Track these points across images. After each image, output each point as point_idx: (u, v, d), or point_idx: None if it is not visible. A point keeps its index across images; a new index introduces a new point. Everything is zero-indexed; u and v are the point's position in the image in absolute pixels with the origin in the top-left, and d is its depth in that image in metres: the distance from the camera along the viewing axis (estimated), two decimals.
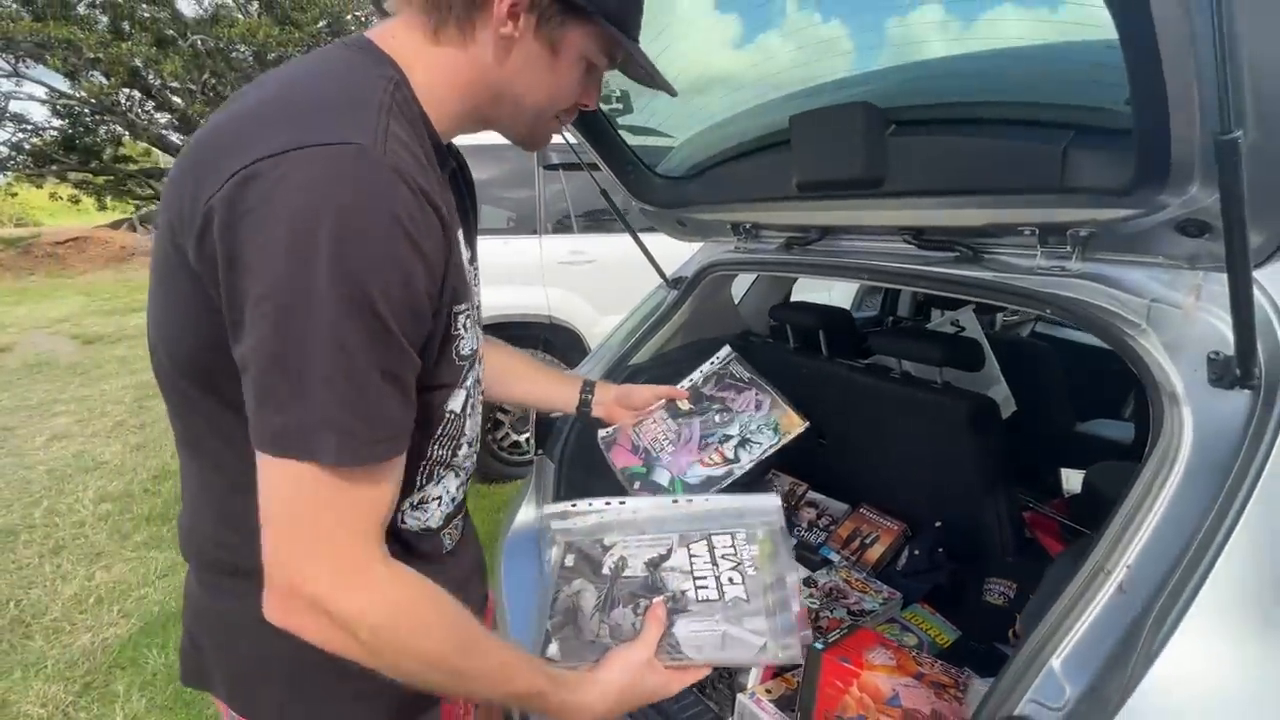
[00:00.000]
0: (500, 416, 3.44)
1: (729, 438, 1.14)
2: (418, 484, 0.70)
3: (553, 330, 3.54)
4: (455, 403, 0.70)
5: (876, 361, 1.74)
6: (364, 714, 0.70)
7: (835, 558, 1.72)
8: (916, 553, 1.60)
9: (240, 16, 14.94)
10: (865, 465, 1.83)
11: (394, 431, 0.57)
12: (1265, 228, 0.68)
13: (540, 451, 1.69)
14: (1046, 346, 2.19)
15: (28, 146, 14.83)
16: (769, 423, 1.15)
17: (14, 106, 14.45)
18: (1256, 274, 0.74)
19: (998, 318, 2.62)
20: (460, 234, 0.66)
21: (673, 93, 0.77)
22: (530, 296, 3.46)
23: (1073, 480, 1.87)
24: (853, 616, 1.44)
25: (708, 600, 0.76)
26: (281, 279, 0.50)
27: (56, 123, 15.32)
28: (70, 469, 3.72)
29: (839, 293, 3.44)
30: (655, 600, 0.75)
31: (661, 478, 1.11)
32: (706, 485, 1.08)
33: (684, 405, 1.18)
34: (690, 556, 0.79)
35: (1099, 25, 0.70)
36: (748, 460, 1.11)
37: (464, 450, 0.75)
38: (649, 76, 0.72)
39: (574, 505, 0.84)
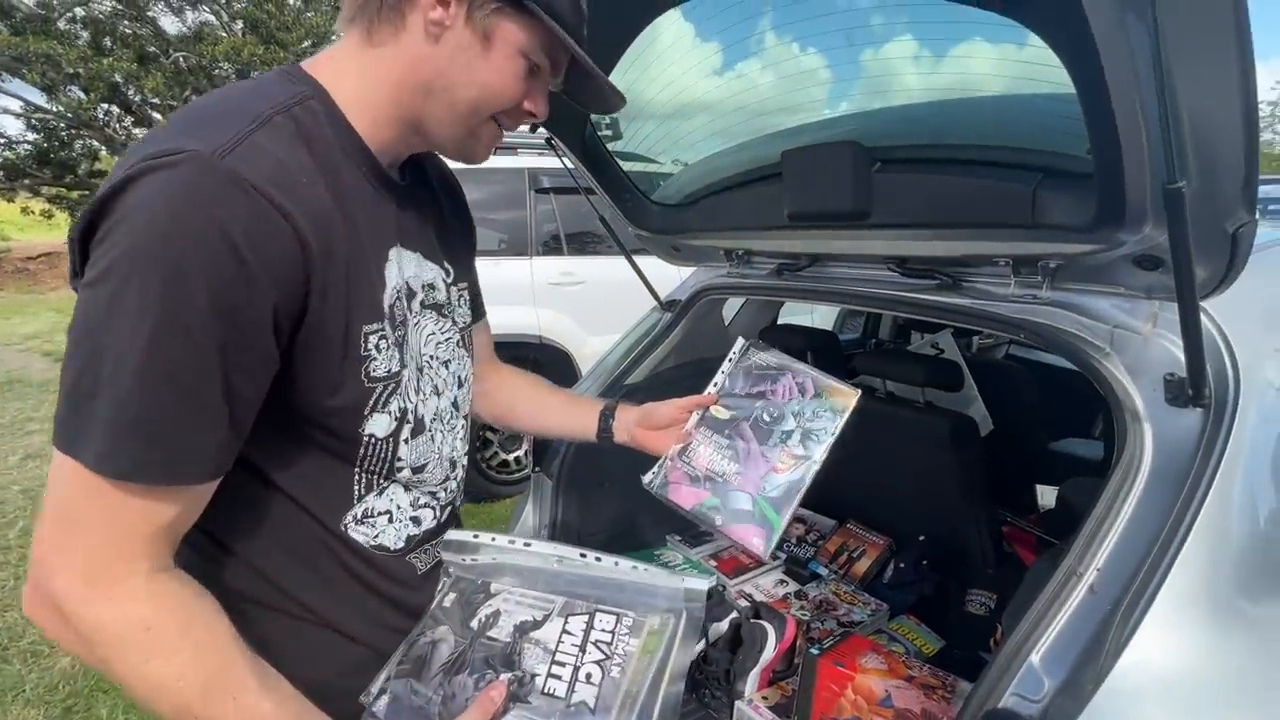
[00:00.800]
0: (489, 435, 3.47)
1: (788, 434, 1.00)
2: (357, 495, 0.68)
3: (542, 350, 3.59)
4: (375, 427, 0.66)
5: (862, 382, 1.82)
6: None
7: (824, 572, 1.77)
8: (902, 566, 1.67)
9: (224, 35, 14.95)
10: (852, 482, 1.89)
11: (169, 454, 0.52)
12: (1210, 263, 0.76)
13: (538, 469, 1.73)
14: (1020, 368, 2.30)
15: (1, 160, 14.59)
16: (823, 404, 1.03)
17: None
18: (1204, 304, 0.83)
19: (974, 340, 2.74)
20: (396, 252, 0.65)
21: (622, 101, 0.73)
22: (521, 317, 3.52)
23: (1047, 496, 1.97)
24: (842, 627, 1.49)
25: (551, 695, 0.66)
26: (111, 272, 0.50)
27: (31, 136, 15.11)
28: (43, 489, 3.64)
29: (821, 315, 3.56)
30: (498, 681, 0.66)
31: (741, 502, 0.94)
32: (790, 493, 0.95)
33: (721, 413, 1.03)
34: (562, 632, 0.71)
35: (1065, 82, 0.79)
36: (819, 450, 0.99)
37: (405, 473, 0.72)
38: (599, 92, 0.70)
39: (476, 536, 0.78)
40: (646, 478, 1.01)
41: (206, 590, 0.59)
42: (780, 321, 2.47)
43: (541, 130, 1.56)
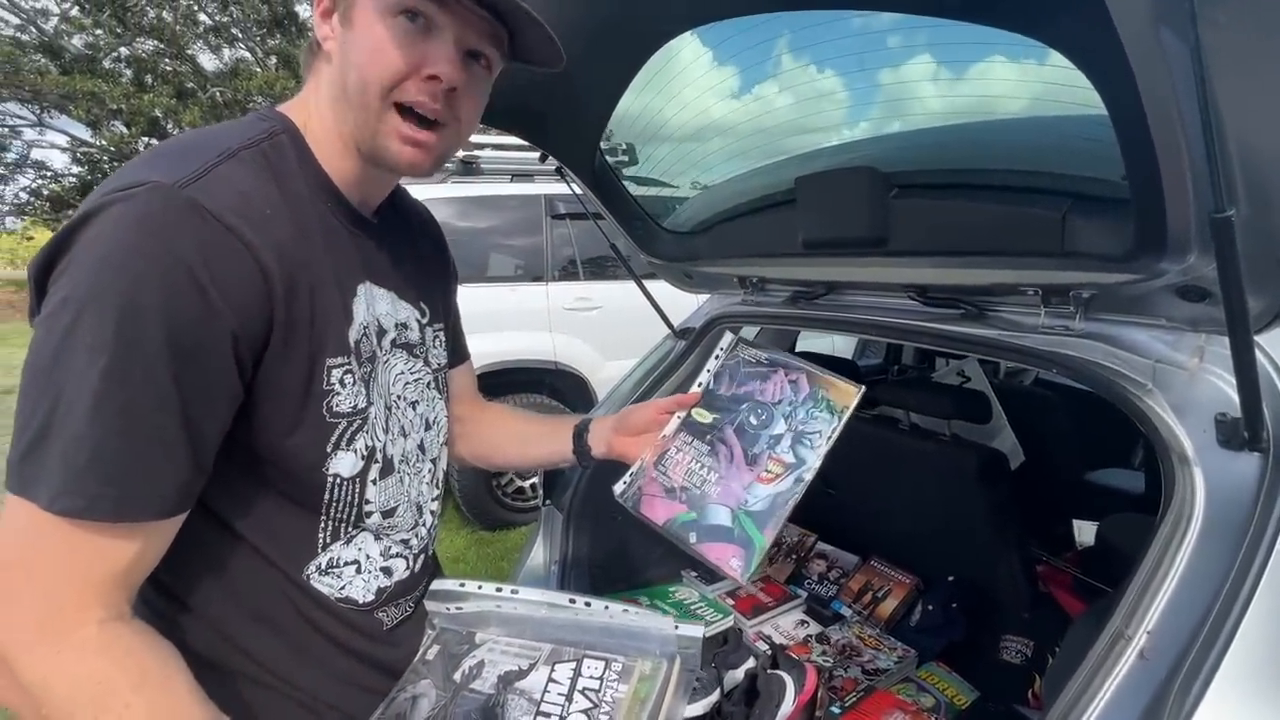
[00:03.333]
0: None
1: (777, 438, 0.87)
2: (322, 543, 0.65)
3: (558, 375, 3.57)
4: (340, 466, 0.64)
5: (884, 412, 1.75)
6: None
7: (847, 612, 1.69)
8: (930, 608, 1.58)
9: (258, 70, 15.55)
10: (875, 516, 1.82)
11: (127, 490, 0.50)
12: (1264, 295, 0.70)
13: (548, 502, 1.68)
14: (1051, 395, 2.20)
15: (46, 192, 15.25)
16: (818, 403, 0.89)
17: (35, 154, 14.89)
18: (1258, 338, 0.76)
19: (1001, 366, 2.64)
20: (365, 288, 0.64)
21: (561, 57, 0.65)
22: (537, 342, 3.51)
23: (1085, 532, 1.86)
24: (867, 676, 1.41)
25: None
26: (65, 304, 0.48)
27: (75, 170, 15.80)
28: None
29: (841, 341, 3.48)
30: None
31: (719, 517, 0.84)
32: (776, 506, 0.83)
33: (704, 415, 0.92)
34: (548, 680, 0.69)
35: (1095, 102, 0.74)
36: (814, 456, 0.86)
37: (375, 517, 0.69)
38: (535, 37, 0.63)
39: (462, 585, 0.76)
40: (618, 488, 0.90)
41: (165, 640, 0.55)
42: (799, 349, 2.41)
43: (551, 159, 1.56)
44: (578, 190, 1.67)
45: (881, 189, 1.13)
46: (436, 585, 0.76)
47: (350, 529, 0.67)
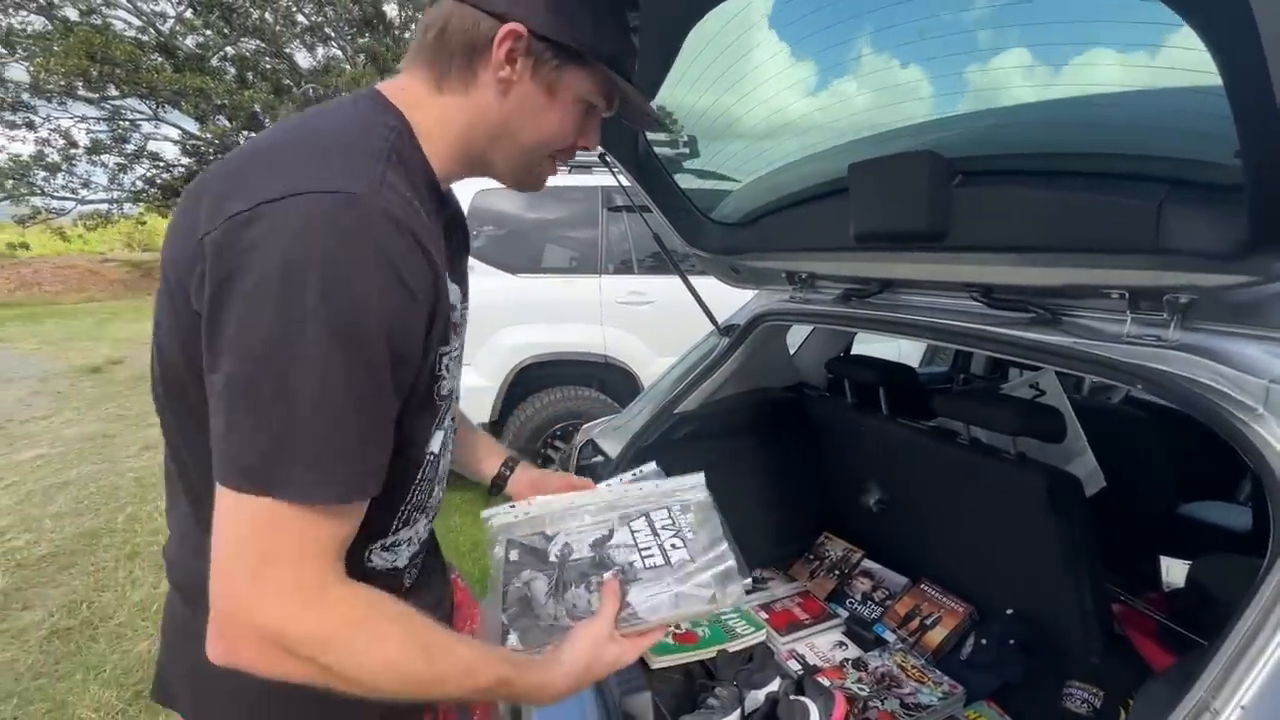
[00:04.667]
0: (550, 454, 3.44)
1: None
2: (393, 528, 0.69)
3: (608, 369, 3.54)
4: (435, 443, 0.70)
5: (942, 424, 1.60)
6: None
7: (891, 637, 1.56)
8: (984, 642, 1.43)
9: (347, 67, 16.37)
10: (928, 536, 1.68)
11: (364, 471, 0.56)
12: None
13: None
14: (1145, 415, 1.97)
15: (159, 181, 16.62)
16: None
17: (150, 146, 16.22)
18: None
19: (1086, 382, 2.40)
20: (448, 277, 0.65)
21: (666, 128, 0.77)
22: (588, 335, 3.48)
23: (1174, 571, 1.65)
24: (907, 711, 1.29)
25: (656, 567, 0.79)
26: (267, 316, 0.50)
27: (185, 160, 17.14)
28: (154, 478, 3.97)
29: (908, 346, 3.27)
30: (607, 575, 0.78)
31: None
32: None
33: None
34: (632, 532, 0.83)
35: (1201, 69, 0.61)
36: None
37: (437, 492, 0.76)
38: (645, 117, 0.75)
39: (512, 506, 0.87)
40: (486, 513, 0.86)
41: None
42: (861, 352, 2.27)
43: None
44: (624, 181, 1.62)
45: (943, 176, 1.01)
46: (487, 512, 0.85)
47: (417, 514, 0.73)
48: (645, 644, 0.75)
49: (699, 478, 0.88)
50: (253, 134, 16.66)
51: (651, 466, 1.03)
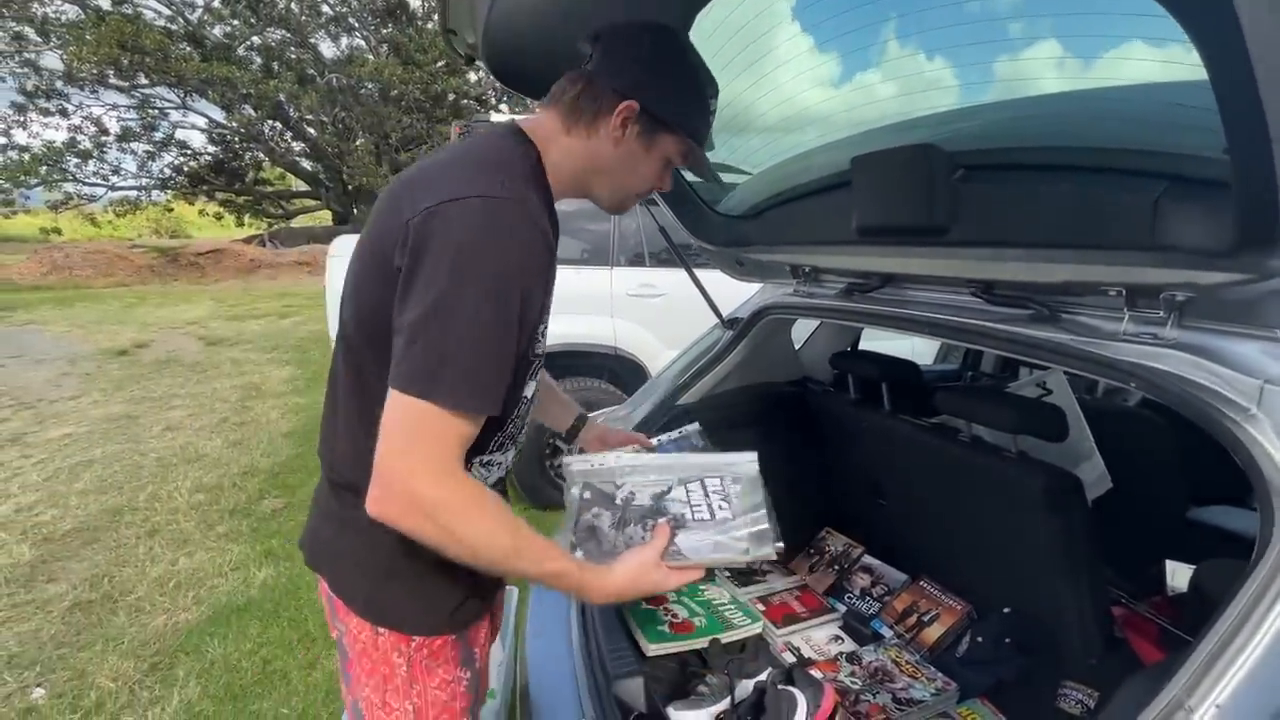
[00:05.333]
0: (559, 443, 3.46)
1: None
2: (489, 448, 0.90)
3: (617, 361, 3.55)
4: (529, 390, 0.91)
5: (945, 421, 1.59)
6: (423, 613, 0.89)
7: (887, 633, 1.56)
8: (980, 639, 1.43)
9: (370, 57, 16.49)
10: (928, 534, 1.67)
11: (494, 394, 0.76)
12: None
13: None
14: (1157, 418, 1.94)
15: (187, 169, 16.93)
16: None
17: (179, 134, 16.53)
18: None
19: (1100, 384, 2.36)
20: None
21: (719, 181, 1.10)
22: (597, 327, 3.50)
23: (1179, 575, 1.62)
24: (898, 705, 1.29)
25: (702, 520, 0.97)
26: (444, 276, 0.71)
27: (211, 149, 17.45)
28: (176, 459, 4.08)
29: (922, 344, 3.24)
30: (661, 520, 0.96)
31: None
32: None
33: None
34: (687, 491, 1.00)
35: (1193, 61, 0.61)
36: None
37: (523, 433, 0.97)
38: (707, 172, 0.99)
39: (587, 457, 1.05)
40: (566, 460, 1.06)
41: None
42: (872, 347, 2.25)
43: None
44: None
45: (944, 170, 1.01)
46: (567, 458, 1.04)
47: (509, 443, 0.94)
48: (685, 578, 0.94)
49: (753, 455, 1.04)
50: (277, 123, 16.87)
51: (694, 427, 1.25)
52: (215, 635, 2.38)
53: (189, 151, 17.12)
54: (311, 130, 16.86)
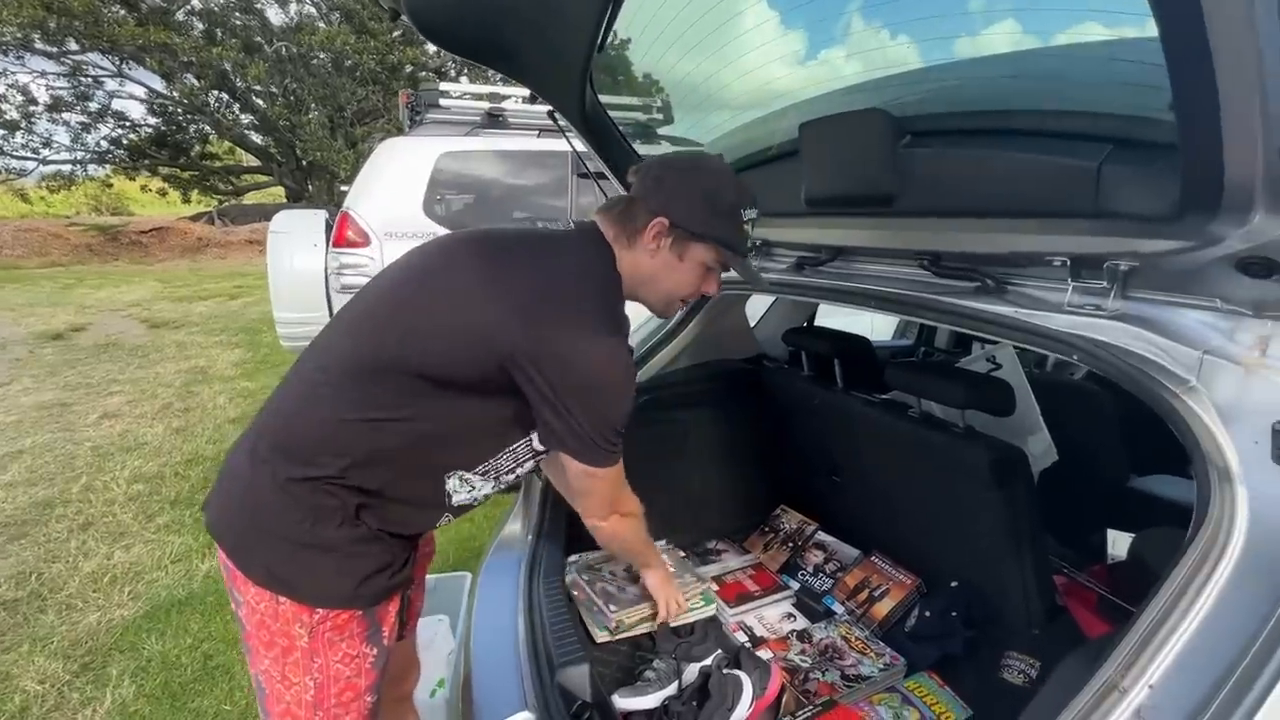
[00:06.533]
0: None
1: None
2: (474, 469, 1.00)
3: None
4: (537, 441, 1.03)
5: (896, 397, 1.58)
6: (329, 585, 0.92)
7: (839, 609, 1.56)
8: (928, 614, 1.44)
9: (322, 25, 15.73)
10: (880, 509, 1.67)
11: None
12: None
13: None
14: (1101, 391, 1.97)
15: (125, 142, 15.98)
16: None
17: (115, 105, 15.56)
18: None
19: (1050, 358, 2.40)
20: None
21: (763, 284, 1.25)
22: None
23: (1119, 544, 1.66)
24: (847, 682, 1.29)
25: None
26: (590, 395, 0.92)
27: (152, 120, 16.47)
28: (113, 447, 3.88)
29: (881, 318, 3.25)
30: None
31: None
32: None
33: None
34: None
35: (1142, 14, 0.57)
36: None
37: (508, 479, 1.07)
38: (749, 274, 1.07)
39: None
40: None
41: None
42: (833, 324, 2.23)
43: (545, 102, 1.43)
44: (579, 147, 1.55)
45: (891, 136, 0.96)
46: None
47: (493, 475, 1.03)
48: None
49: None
50: (223, 94, 16.04)
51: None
52: (153, 631, 2.27)
53: (127, 123, 16.15)
54: (260, 102, 16.08)
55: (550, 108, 1.42)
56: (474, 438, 0.98)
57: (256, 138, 17.34)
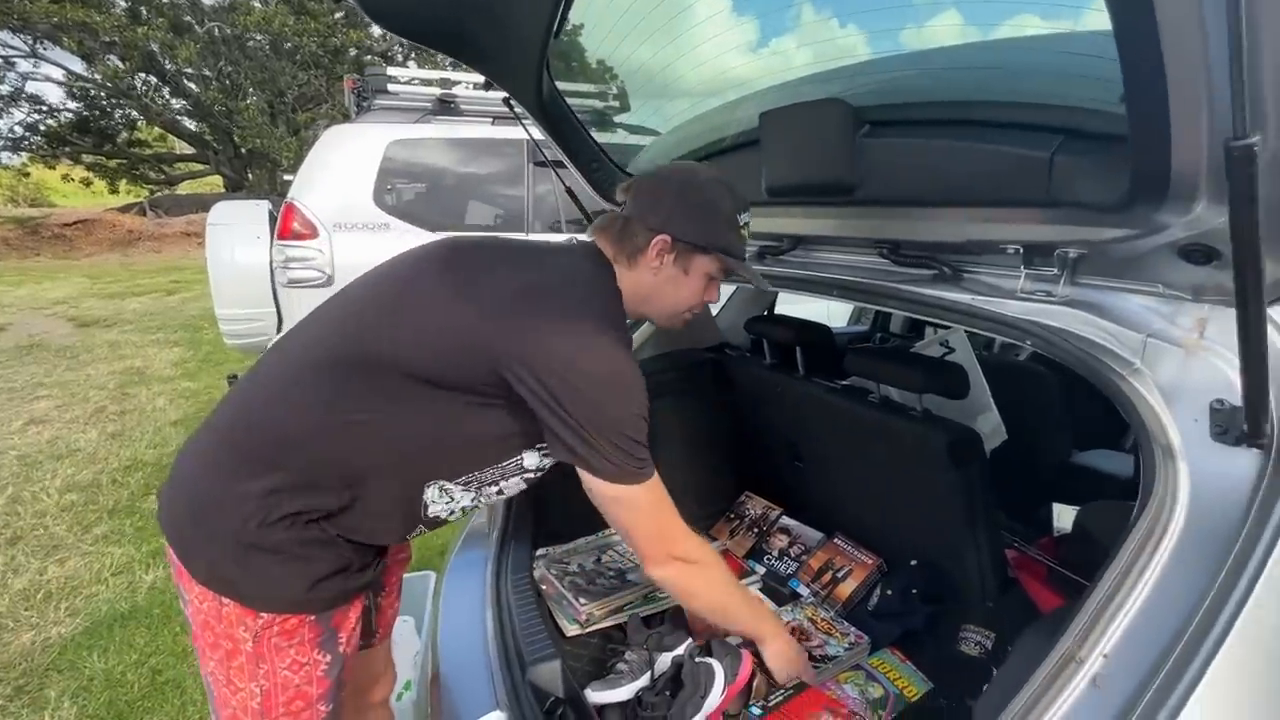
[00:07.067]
0: None
1: None
2: (458, 478, 0.96)
3: None
4: (530, 460, 1.00)
5: (855, 383, 1.62)
6: (274, 588, 0.88)
7: (804, 591, 1.60)
8: (889, 592, 1.48)
9: (258, 5, 14.96)
10: (841, 493, 1.71)
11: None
12: None
13: None
14: (1045, 371, 2.06)
15: (43, 128, 14.91)
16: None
17: (30, 87, 14.49)
18: (1271, 311, 0.62)
19: (996, 340, 2.49)
20: None
21: (769, 288, 1.26)
22: None
23: (1064, 517, 1.74)
24: (814, 663, 1.32)
25: None
26: (592, 395, 0.86)
27: (72, 105, 15.41)
28: (42, 455, 3.65)
29: (836, 305, 3.31)
30: None
31: None
32: None
33: None
34: None
35: (1094, 9, 0.58)
36: None
37: (492, 494, 1.03)
38: (752, 280, 1.07)
39: None
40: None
41: None
42: (793, 312, 2.26)
43: (500, 90, 1.39)
44: (537, 135, 1.51)
45: (850, 126, 0.97)
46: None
47: (475, 487, 0.98)
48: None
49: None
50: (151, 77, 15.11)
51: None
52: (94, 648, 2.16)
53: (45, 108, 15.08)
54: (193, 86, 15.22)
55: (506, 95, 1.38)
56: (461, 445, 0.94)
57: (190, 124, 16.43)
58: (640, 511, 0.95)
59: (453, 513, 1.01)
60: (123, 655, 2.13)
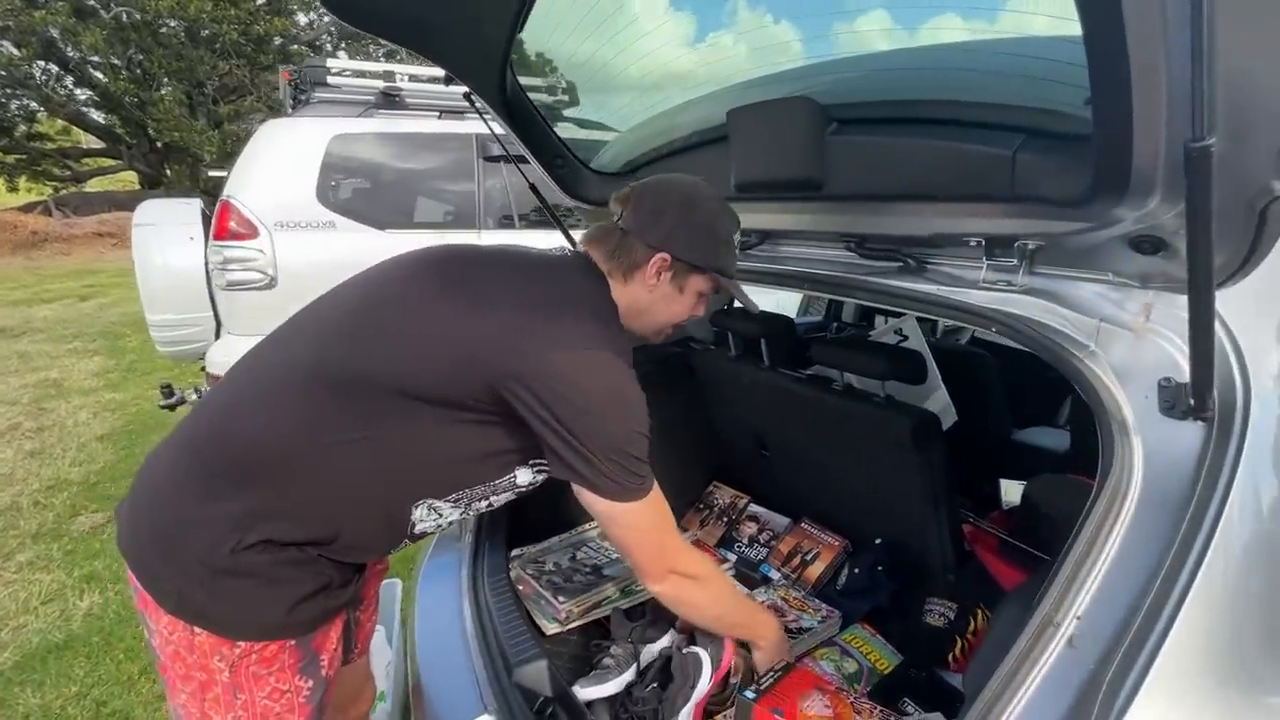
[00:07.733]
0: None
1: None
2: (445, 497, 0.93)
3: None
4: (522, 477, 0.99)
5: (818, 372, 1.67)
6: (251, 615, 0.83)
7: (775, 575, 1.64)
8: (856, 571, 1.54)
9: None
10: (807, 479, 1.76)
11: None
12: (1227, 245, 0.62)
13: None
14: (985, 354, 2.18)
15: None
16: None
17: None
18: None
19: (939, 325, 2.62)
20: None
21: (755, 308, 1.17)
22: None
23: (1012, 492, 1.85)
24: (790, 634, 1.36)
25: None
26: (591, 412, 0.85)
27: None
28: None
29: (784, 296, 3.40)
30: None
31: None
32: None
33: None
34: None
35: (1059, 17, 0.62)
36: None
37: (480, 507, 1.01)
38: (742, 299, 1.10)
39: None
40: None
41: None
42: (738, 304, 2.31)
43: (461, 84, 1.36)
44: (498, 130, 1.49)
45: (818, 123, 1.00)
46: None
47: (465, 503, 0.96)
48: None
49: None
50: (52, 66, 13.94)
51: None
52: (28, 683, 2.00)
53: None
54: (100, 75, 14.15)
55: (467, 90, 1.36)
56: (455, 464, 0.91)
57: (98, 116, 15.28)
58: (641, 528, 0.94)
59: (440, 527, 0.99)
60: (60, 688, 1.99)
